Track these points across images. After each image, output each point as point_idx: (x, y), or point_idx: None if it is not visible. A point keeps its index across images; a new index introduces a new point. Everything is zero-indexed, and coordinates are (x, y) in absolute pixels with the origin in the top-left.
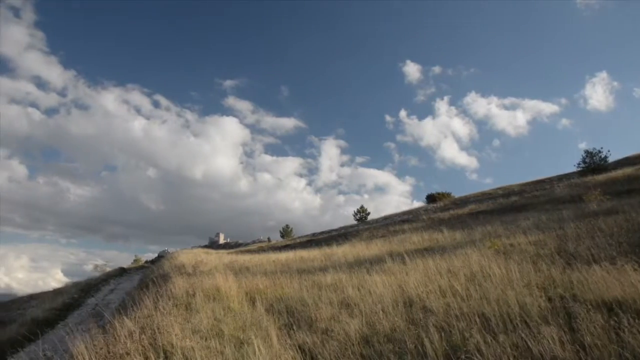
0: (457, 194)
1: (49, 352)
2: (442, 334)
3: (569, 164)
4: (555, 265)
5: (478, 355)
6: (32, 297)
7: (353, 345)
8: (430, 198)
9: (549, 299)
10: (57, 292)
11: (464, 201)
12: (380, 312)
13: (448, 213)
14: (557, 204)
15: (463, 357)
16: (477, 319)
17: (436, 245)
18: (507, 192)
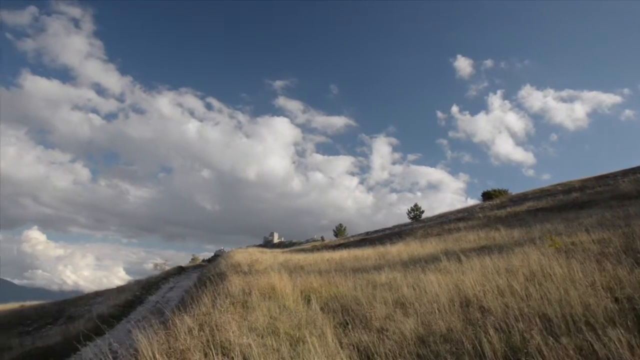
0: (513, 190)
1: (115, 346)
2: (501, 335)
3: (635, 158)
4: (622, 264)
5: (539, 357)
6: (97, 294)
7: (409, 345)
8: (486, 195)
9: (616, 300)
10: (120, 289)
11: (521, 198)
12: (436, 311)
13: (505, 211)
14: (622, 200)
15: (523, 359)
16: (538, 320)
17: (493, 243)
18: (567, 188)
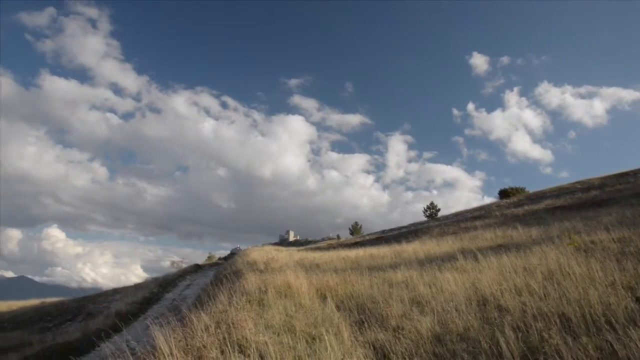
0: (530, 188)
1: (133, 343)
2: (519, 334)
3: None
4: None
5: (557, 357)
6: (115, 291)
7: (425, 343)
8: (503, 193)
9: (637, 300)
10: (137, 286)
11: (539, 196)
12: (453, 310)
13: (522, 209)
14: None
15: (541, 358)
16: (557, 319)
17: (510, 242)
18: (587, 186)
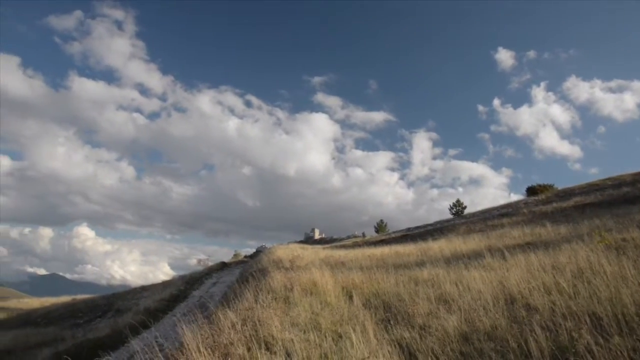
0: (559, 185)
1: (161, 339)
2: (548, 334)
3: None
4: None
5: (589, 357)
6: (144, 289)
7: (452, 342)
8: (531, 190)
9: None
10: (165, 284)
11: (568, 193)
12: (480, 309)
13: (551, 206)
14: None
15: (572, 358)
16: (587, 319)
17: (538, 240)
18: (618, 182)
